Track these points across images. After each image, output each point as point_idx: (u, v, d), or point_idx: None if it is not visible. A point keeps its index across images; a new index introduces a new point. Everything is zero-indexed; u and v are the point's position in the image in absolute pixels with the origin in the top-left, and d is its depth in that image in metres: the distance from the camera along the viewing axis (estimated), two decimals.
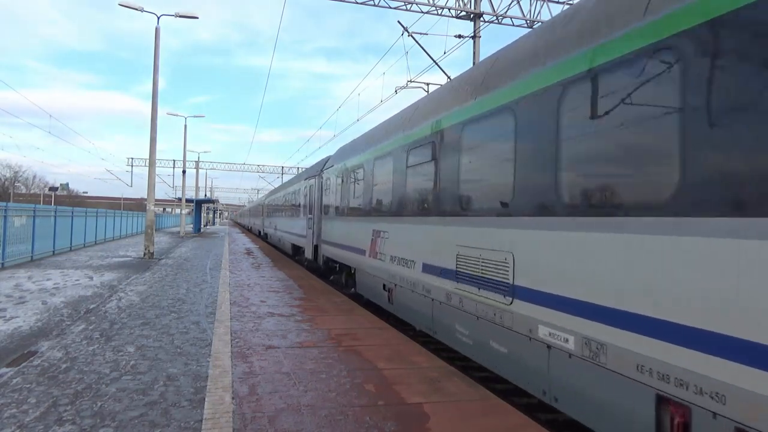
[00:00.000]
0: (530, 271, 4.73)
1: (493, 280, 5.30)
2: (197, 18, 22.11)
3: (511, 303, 4.99)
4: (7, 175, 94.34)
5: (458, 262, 6.09)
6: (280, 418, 4.45)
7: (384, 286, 9.05)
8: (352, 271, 11.42)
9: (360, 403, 4.87)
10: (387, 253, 8.81)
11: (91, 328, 7.78)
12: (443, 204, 6.65)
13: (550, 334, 4.39)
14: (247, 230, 64.69)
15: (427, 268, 7.07)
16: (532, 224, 4.73)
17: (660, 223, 3.40)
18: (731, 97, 3.01)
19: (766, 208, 2.78)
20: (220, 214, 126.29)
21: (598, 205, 3.99)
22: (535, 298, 4.62)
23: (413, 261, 7.61)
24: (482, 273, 5.55)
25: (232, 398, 4.88)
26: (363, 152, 10.77)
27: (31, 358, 6.05)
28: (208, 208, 75.83)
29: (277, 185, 57.63)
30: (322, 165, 16.19)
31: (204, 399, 4.84)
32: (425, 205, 7.27)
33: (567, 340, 4.18)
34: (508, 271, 5.06)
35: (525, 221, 4.85)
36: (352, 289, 11.57)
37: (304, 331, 7.85)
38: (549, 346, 4.41)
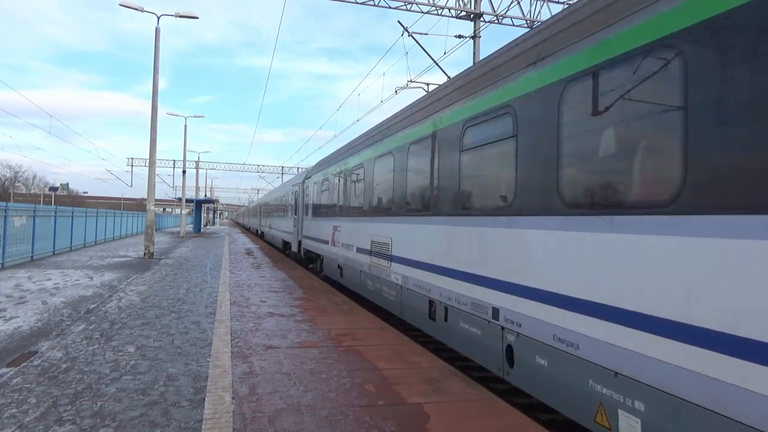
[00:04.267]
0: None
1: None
2: (197, 18, 22.12)
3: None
4: (7, 175, 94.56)
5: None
6: (280, 418, 4.45)
7: None
8: None
9: (360, 403, 4.87)
10: None
11: (91, 328, 7.78)
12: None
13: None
14: (256, 235, 47.33)
15: None
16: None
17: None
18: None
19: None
20: (220, 214, 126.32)
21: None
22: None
23: None
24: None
25: (232, 398, 4.88)
26: None
27: (31, 358, 6.05)
28: (208, 208, 75.85)
29: (276, 185, 49.99)
30: None
31: (204, 399, 4.84)
32: None
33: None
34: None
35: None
36: None
37: (304, 331, 7.85)
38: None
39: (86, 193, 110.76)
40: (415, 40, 16.60)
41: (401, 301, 8.22)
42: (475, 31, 17.80)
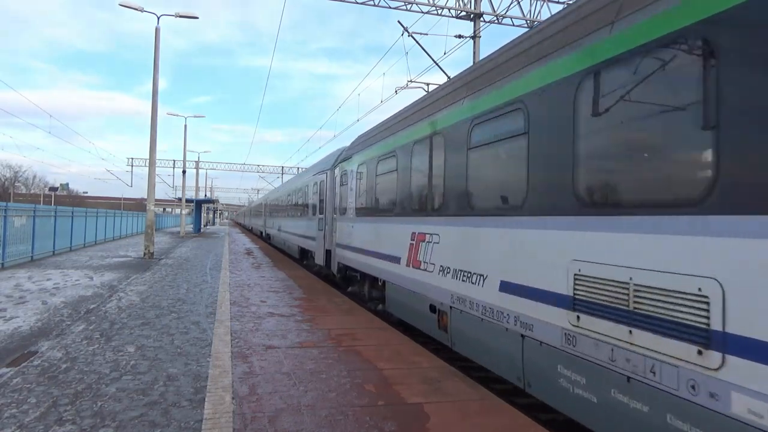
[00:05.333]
0: None
1: None
2: (197, 18, 22.12)
3: None
4: (7, 175, 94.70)
5: None
6: (280, 418, 4.45)
7: None
8: None
9: (360, 403, 4.87)
10: None
11: (91, 328, 7.77)
12: None
13: None
14: (260, 238, 40.18)
15: None
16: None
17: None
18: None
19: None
20: (220, 214, 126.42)
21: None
22: None
23: None
24: None
25: (232, 398, 4.88)
26: None
27: (31, 358, 6.05)
28: (208, 208, 75.88)
29: (276, 185, 48.97)
30: None
31: (204, 399, 4.84)
32: None
33: None
34: None
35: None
36: None
37: (304, 331, 7.85)
38: None
39: (86, 193, 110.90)
40: (415, 40, 16.60)
41: None
42: (475, 31, 17.80)
